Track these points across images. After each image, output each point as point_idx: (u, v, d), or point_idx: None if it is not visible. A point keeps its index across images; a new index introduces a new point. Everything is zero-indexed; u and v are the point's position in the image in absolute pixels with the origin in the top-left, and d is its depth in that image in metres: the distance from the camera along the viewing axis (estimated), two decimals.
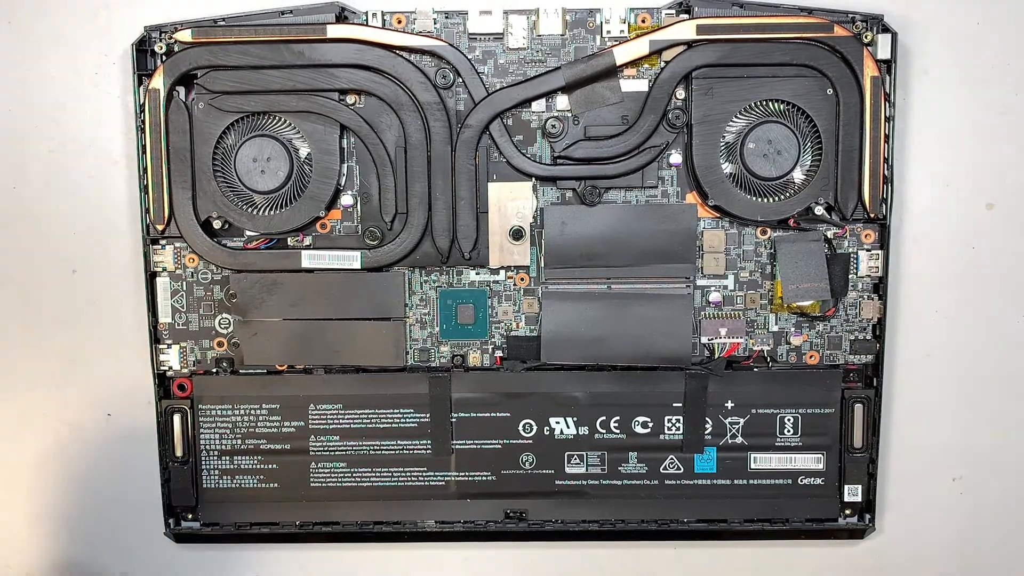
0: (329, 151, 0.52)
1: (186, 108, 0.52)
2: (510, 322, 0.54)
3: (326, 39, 0.51)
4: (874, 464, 0.54)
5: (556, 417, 0.54)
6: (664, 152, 0.52)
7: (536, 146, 0.53)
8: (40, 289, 0.55)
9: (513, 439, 0.54)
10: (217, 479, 0.54)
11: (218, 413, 0.54)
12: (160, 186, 0.52)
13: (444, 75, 0.52)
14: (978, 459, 0.56)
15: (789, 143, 0.52)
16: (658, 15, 0.52)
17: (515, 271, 0.54)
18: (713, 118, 0.52)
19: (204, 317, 0.54)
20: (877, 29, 0.51)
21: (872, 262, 0.53)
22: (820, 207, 0.52)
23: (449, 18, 0.52)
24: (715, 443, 0.54)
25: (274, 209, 0.53)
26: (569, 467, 0.54)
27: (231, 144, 0.52)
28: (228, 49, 0.51)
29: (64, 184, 0.55)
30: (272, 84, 0.51)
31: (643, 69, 0.52)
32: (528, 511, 0.54)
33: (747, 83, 0.51)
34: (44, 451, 0.56)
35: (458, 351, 0.54)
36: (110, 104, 0.55)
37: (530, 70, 0.52)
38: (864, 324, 0.54)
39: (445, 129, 0.52)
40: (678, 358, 0.53)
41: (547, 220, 0.53)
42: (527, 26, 0.52)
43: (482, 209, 0.53)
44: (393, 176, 0.52)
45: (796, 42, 0.51)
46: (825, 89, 0.51)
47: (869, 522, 0.55)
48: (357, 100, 0.52)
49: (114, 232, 0.55)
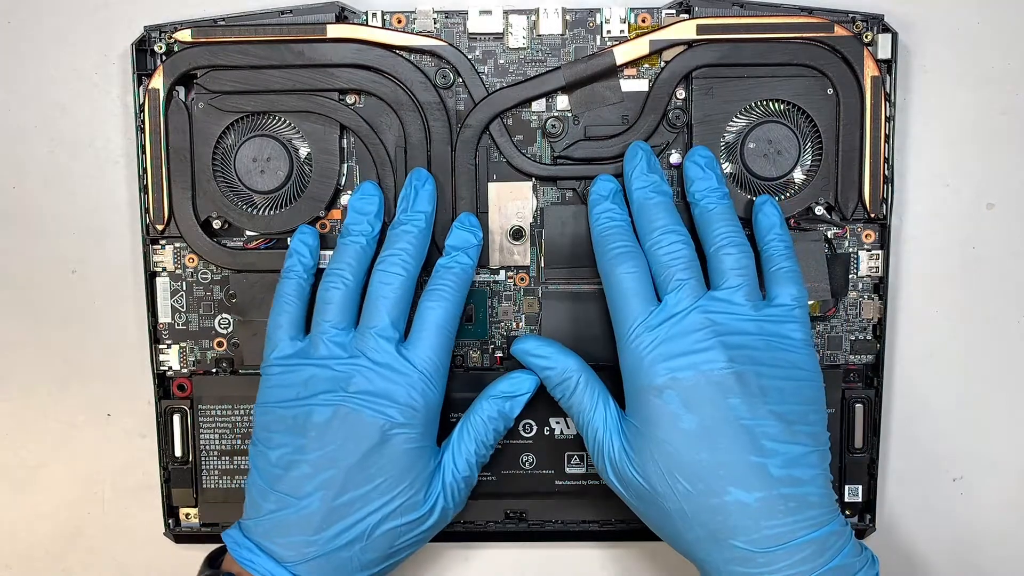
0: (329, 151, 0.52)
1: (186, 108, 0.52)
2: (510, 322, 0.54)
3: (326, 39, 0.51)
4: (874, 464, 0.54)
5: (556, 417, 0.54)
6: (664, 152, 0.52)
7: (536, 146, 0.53)
8: (40, 289, 0.55)
9: (513, 439, 0.54)
10: (217, 479, 0.54)
11: (218, 413, 0.54)
12: (160, 186, 0.52)
13: (444, 75, 0.52)
14: (978, 459, 0.56)
15: (789, 143, 0.52)
16: (658, 15, 0.52)
17: (515, 271, 0.54)
18: (713, 118, 0.52)
19: (204, 317, 0.54)
20: (877, 29, 0.51)
21: (872, 262, 0.53)
22: (820, 207, 0.52)
23: (449, 18, 0.52)
24: None
25: (274, 209, 0.53)
26: (569, 467, 0.54)
27: (231, 144, 0.52)
28: (228, 49, 0.51)
29: (64, 184, 0.55)
30: (272, 84, 0.51)
31: (643, 69, 0.52)
32: (528, 511, 0.54)
33: (747, 83, 0.51)
34: (44, 451, 0.56)
35: (458, 351, 0.54)
36: (110, 104, 0.55)
37: (530, 70, 0.52)
38: (864, 324, 0.54)
39: (445, 129, 0.52)
40: None
41: (547, 220, 0.53)
42: (527, 26, 0.52)
43: (482, 209, 0.53)
44: (393, 176, 0.52)
45: (796, 42, 0.51)
46: (825, 89, 0.51)
47: (869, 522, 0.55)
48: (357, 100, 0.52)
49: (114, 232, 0.55)
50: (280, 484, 0.47)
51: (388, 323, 0.47)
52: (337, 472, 0.46)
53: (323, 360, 0.47)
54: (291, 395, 0.47)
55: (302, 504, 0.46)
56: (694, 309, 0.46)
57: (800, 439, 0.45)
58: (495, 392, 0.49)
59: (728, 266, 0.47)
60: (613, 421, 0.47)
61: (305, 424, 0.46)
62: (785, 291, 0.47)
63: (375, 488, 0.46)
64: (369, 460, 0.46)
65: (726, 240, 0.47)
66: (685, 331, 0.45)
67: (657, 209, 0.48)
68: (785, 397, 0.45)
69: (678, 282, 0.46)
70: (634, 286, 0.47)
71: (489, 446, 0.49)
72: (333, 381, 0.47)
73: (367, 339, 0.47)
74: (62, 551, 0.57)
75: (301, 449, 0.46)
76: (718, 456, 0.44)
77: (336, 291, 0.48)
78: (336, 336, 0.48)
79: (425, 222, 0.49)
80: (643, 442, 0.46)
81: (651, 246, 0.48)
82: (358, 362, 0.47)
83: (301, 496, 0.46)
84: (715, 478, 0.44)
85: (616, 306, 0.48)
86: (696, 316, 0.46)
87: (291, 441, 0.47)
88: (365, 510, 0.46)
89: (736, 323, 0.46)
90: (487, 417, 0.49)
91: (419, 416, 0.47)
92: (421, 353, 0.47)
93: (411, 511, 0.47)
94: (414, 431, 0.47)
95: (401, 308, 0.48)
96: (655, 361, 0.45)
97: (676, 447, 0.45)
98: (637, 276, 0.47)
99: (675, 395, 0.45)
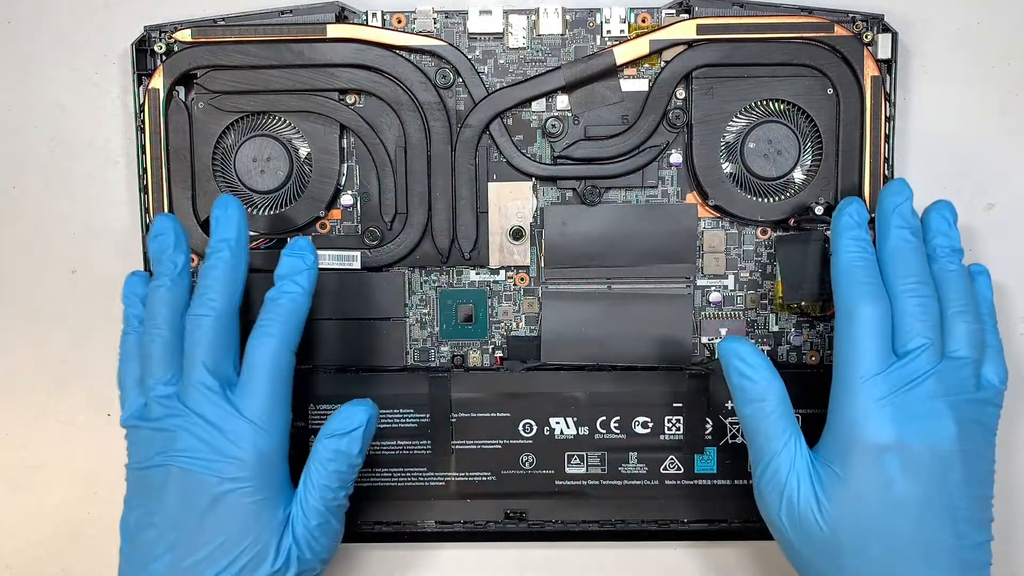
0: (329, 151, 0.52)
1: (186, 108, 0.52)
2: (510, 322, 0.54)
3: (326, 39, 0.51)
4: None
5: (556, 417, 0.54)
6: (664, 152, 0.52)
7: (536, 146, 0.53)
8: (40, 289, 0.55)
9: (513, 439, 0.54)
10: None
11: None
12: (160, 186, 0.52)
13: (444, 75, 0.52)
14: None
15: (789, 143, 0.52)
16: (658, 15, 0.52)
17: (515, 271, 0.54)
18: (713, 118, 0.52)
19: None
20: (877, 29, 0.51)
21: None
22: (820, 207, 0.52)
23: (449, 18, 0.52)
24: (715, 443, 0.54)
25: (274, 209, 0.53)
26: (569, 467, 0.54)
27: (231, 144, 0.52)
28: (228, 49, 0.51)
29: (64, 184, 0.55)
30: (272, 84, 0.51)
31: (643, 69, 0.52)
32: (528, 511, 0.54)
33: (747, 83, 0.51)
34: (44, 451, 0.56)
35: (458, 351, 0.54)
36: (110, 104, 0.55)
37: (530, 70, 0.52)
38: None
39: (445, 129, 0.52)
40: (678, 358, 0.53)
41: (547, 220, 0.53)
42: (527, 26, 0.52)
43: (482, 209, 0.53)
44: (393, 176, 0.52)
45: (796, 42, 0.51)
46: (825, 89, 0.51)
47: None
48: (357, 100, 0.52)
49: (114, 232, 0.55)
50: (136, 547, 0.45)
51: (204, 372, 0.44)
52: (180, 534, 0.44)
53: (155, 420, 0.45)
54: (138, 457, 0.46)
55: (152, 569, 0.44)
56: (934, 374, 0.44)
57: (986, 524, 0.45)
58: (327, 431, 0.46)
59: (964, 334, 0.45)
60: (803, 462, 0.45)
61: (149, 487, 0.45)
62: (994, 370, 0.46)
63: (218, 547, 0.44)
64: (207, 520, 0.44)
65: (964, 307, 0.46)
66: (921, 396, 0.44)
67: (915, 256, 0.46)
68: (986, 481, 0.45)
69: (924, 340, 0.44)
70: (876, 329, 0.44)
71: (335, 488, 0.46)
72: (163, 441, 0.44)
73: (189, 392, 0.45)
74: (62, 551, 0.57)
75: (150, 511, 0.45)
76: (920, 530, 0.43)
77: (152, 345, 0.45)
78: (164, 391, 0.45)
79: (229, 251, 0.46)
80: (844, 493, 0.44)
81: (901, 293, 0.45)
82: (184, 418, 0.44)
83: (151, 559, 0.44)
84: (910, 550, 0.43)
85: (850, 346, 0.45)
86: (934, 382, 0.44)
87: (143, 503, 0.45)
88: (210, 571, 0.44)
89: (965, 397, 0.45)
90: (324, 460, 0.46)
91: (251, 467, 0.44)
92: (249, 400, 0.45)
93: (260, 567, 0.44)
94: (248, 484, 0.44)
95: (217, 351, 0.45)
96: (884, 418, 0.43)
97: (881, 509, 0.43)
98: (881, 320, 0.45)
99: (897, 458, 0.43)
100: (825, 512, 0.44)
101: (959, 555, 0.43)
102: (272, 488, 0.45)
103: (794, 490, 0.45)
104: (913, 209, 0.47)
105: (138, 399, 0.46)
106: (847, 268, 0.46)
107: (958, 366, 0.45)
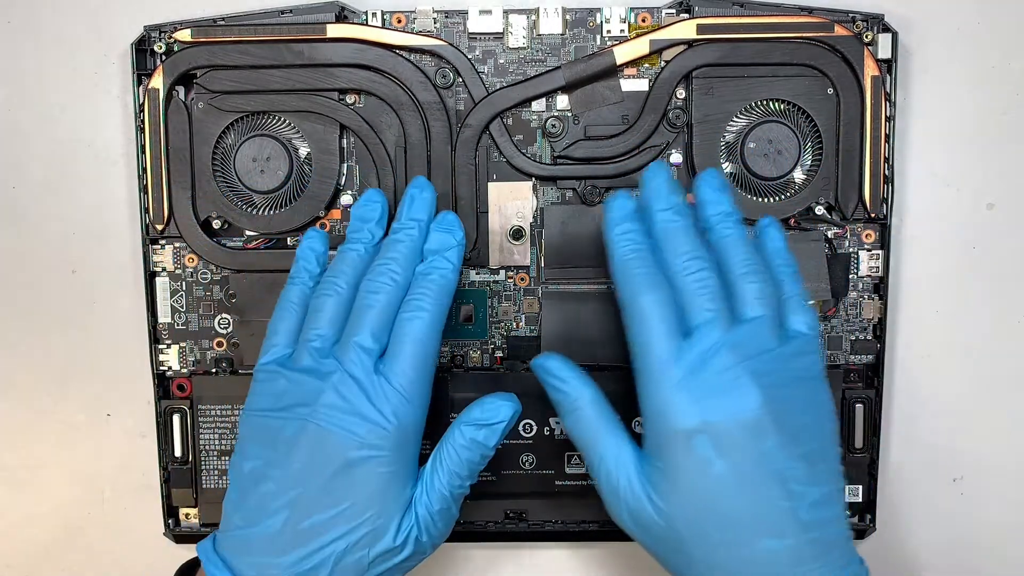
0: (329, 151, 0.52)
1: (186, 108, 0.52)
2: (510, 322, 0.54)
3: (326, 39, 0.51)
4: (874, 464, 0.54)
5: (556, 417, 0.54)
6: (664, 152, 0.52)
7: (536, 146, 0.53)
8: (40, 289, 0.55)
9: (513, 439, 0.54)
10: (217, 479, 0.54)
11: (218, 413, 0.54)
12: (159, 186, 0.52)
13: (444, 75, 0.52)
14: (978, 459, 0.56)
15: (789, 143, 0.52)
16: (658, 15, 0.52)
17: (515, 271, 0.54)
18: (713, 118, 0.52)
19: (203, 317, 0.54)
20: (877, 29, 0.51)
21: (872, 262, 0.53)
22: (820, 207, 0.52)
23: (449, 18, 0.52)
24: None
25: (274, 209, 0.53)
26: (569, 467, 0.54)
27: (231, 144, 0.52)
28: (228, 49, 0.51)
29: (64, 184, 0.55)
30: (272, 84, 0.51)
31: (643, 69, 0.52)
32: (528, 511, 0.54)
33: (747, 83, 0.51)
34: (44, 451, 0.56)
35: (458, 351, 0.54)
36: (110, 104, 0.55)
37: (530, 70, 0.52)
38: (864, 324, 0.54)
39: (445, 129, 0.52)
40: None
41: (547, 220, 0.53)
42: (527, 26, 0.52)
43: (482, 209, 0.53)
44: (393, 176, 0.52)
45: (796, 42, 0.51)
46: (825, 89, 0.51)
47: (870, 522, 0.55)
48: (357, 100, 0.52)
49: (114, 232, 0.55)
50: (248, 499, 0.44)
51: (368, 335, 0.44)
52: (303, 492, 0.43)
53: (302, 370, 0.45)
54: (268, 404, 0.45)
55: (266, 524, 0.43)
56: (724, 344, 0.42)
57: (823, 478, 0.43)
58: (467, 419, 0.46)
59: (752, 295, 0.44)
60: (631, 462, 0.44)
61: (276, 437, 0.44)
62: (800, 319, 0.45)
63: (340, 513, 0.43)
64: (335, 482, 0.43)
65: (747, 267, 0.44)
66: (717, 369, 0.42)
67: (683, 234, 0.45)
68: (812, 435, 0.43)
69: (708, 313, 0.43)
70: (660, 316, 0.43)
71: (464, 476, 0.45)
72: (306, 394, 0.44)
73: (347, 350, 0.44)
74: (62, 551, 0.57)
75: (270, 463, 0.44)
76: (751, 504, 0.41)
77: (327, 299, 0.46)
78: (320, 345, 0.45)
79: (419, 231, 0.47)
80: (669, 487, 0.42)
81: (677, 272, 0.44)
82: (334, 375, 0.44)
83: (267, 515, 0.43)
84: (747, 527, 0.41)
85: (639, 338, 0.44)
86: (727, 352, 0.42)
87: (263, 454, 0.44)
88: (328, 536, 0.43)
89: (765, 358, 0.43)
90: (459, 446, 0.45)
91: (391, 437, 0.43)
92: (397, 368, 0.44)
93: (379, 541, 0.43)
94: (384, 454, 0.43)
95: (386, 321, 0.45)
96: (684, 402, 0.42)
97: (707, 494, 0.42)
98: (663, 306, 0.43)
99: (707, 439, 0.42)
100: (658, 509, 0.43)
101: (798, 517, 0.41)
102: (404, 463, 0.44)
103: (628, 491, 0.43)
104: (674, 187, 0.46)
105: (286, 348, 0.47)
106: (621, 263, 0.45)
107: (754, 328, 0.43)
